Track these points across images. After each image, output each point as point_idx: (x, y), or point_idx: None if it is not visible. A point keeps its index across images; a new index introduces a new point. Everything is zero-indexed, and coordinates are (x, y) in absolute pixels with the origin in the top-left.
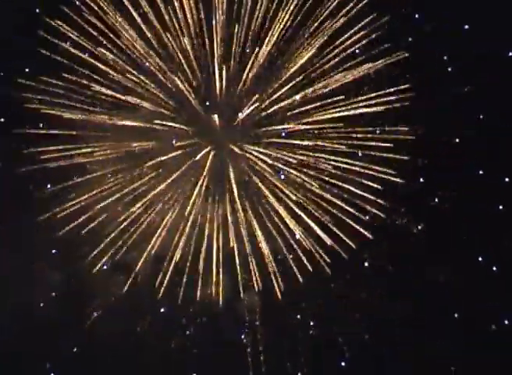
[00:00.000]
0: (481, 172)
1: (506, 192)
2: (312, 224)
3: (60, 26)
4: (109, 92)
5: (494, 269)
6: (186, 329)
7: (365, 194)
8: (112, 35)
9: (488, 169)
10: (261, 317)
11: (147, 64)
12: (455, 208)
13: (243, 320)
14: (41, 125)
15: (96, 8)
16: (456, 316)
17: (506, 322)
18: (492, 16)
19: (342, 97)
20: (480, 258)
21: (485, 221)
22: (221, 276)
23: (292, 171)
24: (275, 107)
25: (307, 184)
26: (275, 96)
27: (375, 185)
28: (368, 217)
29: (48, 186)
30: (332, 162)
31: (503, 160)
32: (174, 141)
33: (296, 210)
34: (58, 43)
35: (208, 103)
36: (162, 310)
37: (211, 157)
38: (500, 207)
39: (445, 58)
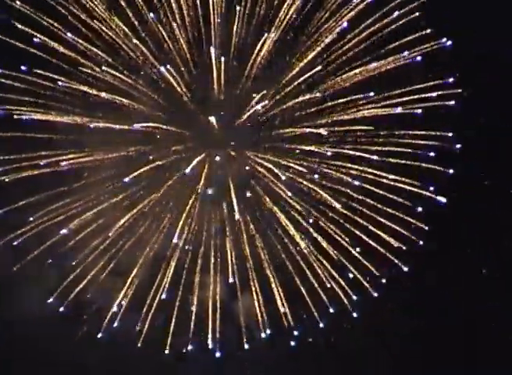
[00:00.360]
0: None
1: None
2: (312, 230)
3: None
4: (104, 95)
5: None
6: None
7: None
8: (106, 36)
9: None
10: (258, 322)
11: (142, 65)
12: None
13: (241, 325)
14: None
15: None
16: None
17: None
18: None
19: (371, 93)
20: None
21: None
22: (218, 279)
23: (292, 176)
24: (278, 109)
25: (305, 188)
26: (276, 98)
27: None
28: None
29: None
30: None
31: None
32: (171, 146)
33: (296, 216)
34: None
35: (206, 106)
36: (160, 312)
37: (208, 161)
38: None
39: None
